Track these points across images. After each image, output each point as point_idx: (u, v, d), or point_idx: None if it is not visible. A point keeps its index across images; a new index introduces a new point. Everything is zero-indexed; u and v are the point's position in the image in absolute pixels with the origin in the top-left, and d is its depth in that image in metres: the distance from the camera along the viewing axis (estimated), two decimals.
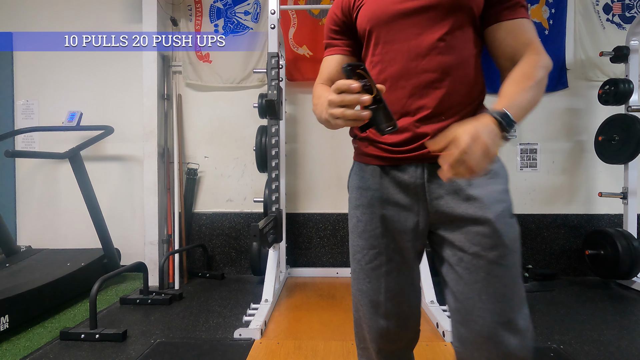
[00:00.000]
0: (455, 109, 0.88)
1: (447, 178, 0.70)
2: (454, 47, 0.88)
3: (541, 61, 0.84)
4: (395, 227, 0.93)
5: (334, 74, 1.01)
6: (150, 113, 3.33)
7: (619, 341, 2.13)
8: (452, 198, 0.87)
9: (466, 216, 0.85)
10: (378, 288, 0.95)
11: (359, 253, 0.97)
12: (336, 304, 2.65)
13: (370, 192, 0.95)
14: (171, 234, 3.38)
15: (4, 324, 2.17)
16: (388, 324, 0.95)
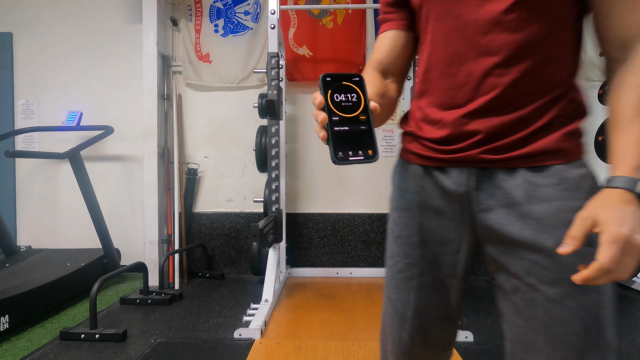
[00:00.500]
0: (524, 100, 0.66)
1: (580, 279, 0.54)
2: (528, 21, 0.63)
3: None
4: (434, 238, 0.77)
5: (385, 55, 0.83)
6: (150, 113, 3.33)
7: (619, 341, 2.13)
8: (504, 213, 0.68)
9: (519, 239, 0.66)
10: (406, 301, 0.80)
11: (392, 259, 0.83)
12: (336, 304, 2.65)
13: (410, 195, 0.79)
14: (171, 234, 3.38)
15: (4, 324, 2.17)
16: (412, 342, 0.81)
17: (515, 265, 0.68)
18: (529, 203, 0.66)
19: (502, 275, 0.71)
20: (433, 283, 0.79)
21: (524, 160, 0.68)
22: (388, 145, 3.52)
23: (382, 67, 0.83)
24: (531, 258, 0.66)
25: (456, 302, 0.81)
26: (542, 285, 0.64)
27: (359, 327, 2.24)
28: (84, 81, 3.62)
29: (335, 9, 3.51)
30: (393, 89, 0.83)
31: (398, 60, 0.84)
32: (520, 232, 0.66)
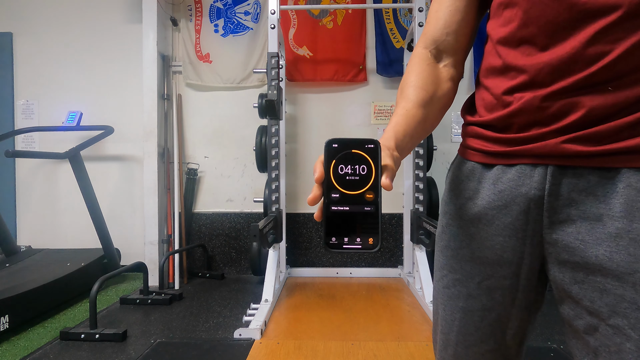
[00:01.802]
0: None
1: None
2: None
3: None
4: (487, 254, 0.61)
5: (443, 26, 0.64)
6: (150, 113, 3.33)
7: None
8: (590, 227, 0.52)
9: (607, 265, 0.50)
10: (451, 322, 0.67)
11: (439, 271, 0.70)
12: (336, 304, 2.65)
13: (462, 200, 0.65)
14: (171, 234, 3.38)
15: (4, 324, 2.17)
16: None
17: (595, 300, 0.51)
18: (631, 219, 0.48)
19: (572, 308, 0.55)
20: (483, 310, 0.63)
21: (631, 156, 0.49)
22: None
23: (437, 47, 0.66)
24: (620, 293, 0.49)
25: (515, 340, 0.63)
26: (635, 330, 0.48)
27: (359, 327, 2.24)
28: (84, 81, 3.62)
29: (335, 9, 3.51)
30: (448, 79, 0.65)
31: (461, 30, 0.64)
32: (612, 256, 0.49)
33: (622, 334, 0.49)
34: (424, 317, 2.43)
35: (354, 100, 3.54)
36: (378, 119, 3.54)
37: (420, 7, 2.77)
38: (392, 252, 3.47)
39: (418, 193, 2.83)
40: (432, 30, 0.66)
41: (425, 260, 2.78)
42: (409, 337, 2.13)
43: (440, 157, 3.52)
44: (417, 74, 0.63)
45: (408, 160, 3.22)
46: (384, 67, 3.49)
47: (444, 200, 0.72)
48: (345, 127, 3.56)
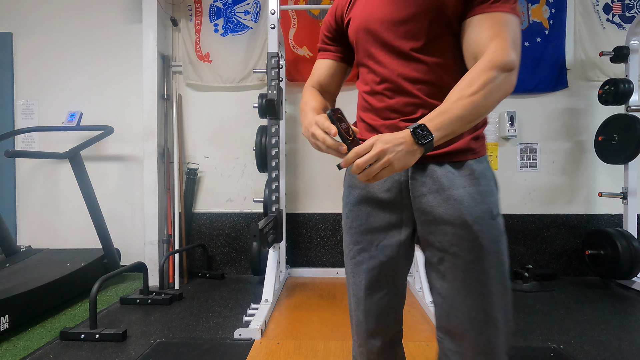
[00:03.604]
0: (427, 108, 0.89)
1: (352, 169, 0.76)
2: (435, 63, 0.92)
3: (496, 60, 0.77)
4: (380, 224, 0.93)
5: (324, 78, 1.07)
6: (150, 113, 3.33)
7: (619, 341, 2.13)
8: (433, 197, 0.87)
9: (445, 217, 0.85)
10: (360, 283, 0.95)
11: (347, 248, 0.99)
12: (336, 304, 2.65)
13: (357, 191, 0.97)
14: (171, 234, 3.38)
15: (4, 324, 2.17)
16: (367, 320, 0.95)
17: (441, 240, 0.86)
18: (451, 189, 0.86)
19: (430, 251, 0.90)
20: (381, 265, 0.93)
21: (448, 156, 0.88)
22: None
23: (321, 87, 1.08)
24: (454, 232, 0.85)
25: (402, 282, 0.98)
26: (463, 252, 0.84)
27: None
28: (84, 81, 3.62)
29: None
30: (324, 99, 1.04)
31: (333, 83, 1.08)
32: (447, 211, 0.85)
33: (457, 256, 0.84)
34: (424, 317, 2.43)
35: (354, 100, 3.51)
36: None
37: None
38: None
39: None
40: (317, 79, 1.07)
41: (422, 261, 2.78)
42: (408, 337, 2.13)
43: None
44: (316, 95, 1.03)
45: None
46: None
47: (345, 196, 1.01)
48: None
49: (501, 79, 0.77)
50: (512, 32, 0.80)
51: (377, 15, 0.91)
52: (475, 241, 0.83)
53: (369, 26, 0.92)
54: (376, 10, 0.91)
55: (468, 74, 0.79)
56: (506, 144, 3.53)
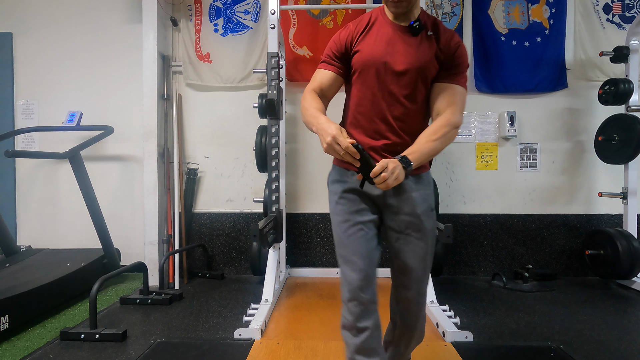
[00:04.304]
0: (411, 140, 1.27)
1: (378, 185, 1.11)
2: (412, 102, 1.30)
3: (451, 121, 1.22)
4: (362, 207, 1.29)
5: (325, 84, 1.32)
6: (150, 113, 3.33)
7: (619, 341, 2.13)
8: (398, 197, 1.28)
9: (404, 210, 1.28)
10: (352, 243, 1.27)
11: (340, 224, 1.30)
12: (336, 304, 2.65)
13: (349, 184, 1.31)
14: (171, 234, 3.38)
15: (4, 324, 2.17)
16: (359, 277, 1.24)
17: (400, 225, 1.29)
18: (410, 192, 1.28)
19: (390, 232, 1.31)
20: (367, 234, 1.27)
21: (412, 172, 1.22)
22: None
23: (321, 91, 1.32)
24: (408, 219, 1.28)
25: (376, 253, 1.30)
26: (414, 232, 1.28)
27: None
28: (84, 81, 3.62)
29: (335, 9, 3.51)
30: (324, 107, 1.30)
31: (331, 91, 1.34)
32: (405, 207, 1.28)
33: (409, 235, 1.28)
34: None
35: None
36: None
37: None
38: None
39: None
40: (319, 84, 1.32)
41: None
42: None
43: (440, 157, 3.52)
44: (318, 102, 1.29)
45: None
46: None
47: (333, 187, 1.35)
48: None
49: (452, 133, 1.23)
50: (462, 101, 1.27)
51: (383, 59, 1.24)
52: (421, 225, 1.28)
53: (375, 65, 1.25)
54: (382, 55, 1.25)
55: (433, 125, 1.23)
56: (506, 144, 3.53)
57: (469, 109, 3.54)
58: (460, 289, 3.11)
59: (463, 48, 1.27)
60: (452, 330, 2.12)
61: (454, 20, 3.51)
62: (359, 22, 1.32)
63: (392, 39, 1.25)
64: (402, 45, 1.24)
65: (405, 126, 1.27)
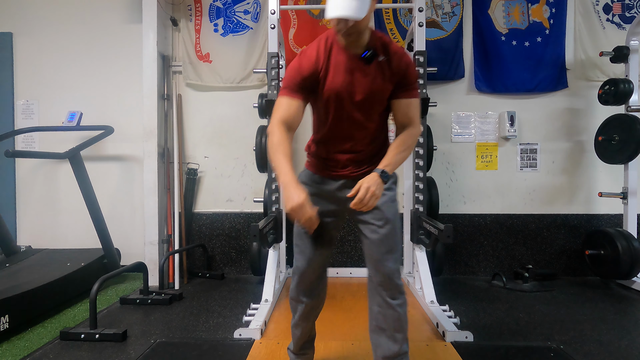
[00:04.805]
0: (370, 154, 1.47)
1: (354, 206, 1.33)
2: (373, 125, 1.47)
3: (414, 133, 1.43)
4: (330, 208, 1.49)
5: (293, 116, 1.36)
6: (150, 113, 3.33)
7: (619, 341, 2.13)
8: None
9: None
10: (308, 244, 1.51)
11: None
12: (336, 304, 2.65)
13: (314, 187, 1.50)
14: (171, 234, 3.38)
15: (4, 324, 2.17)
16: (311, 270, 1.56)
17: (366, 217, 1.43)
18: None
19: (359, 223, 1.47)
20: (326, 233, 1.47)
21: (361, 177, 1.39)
22: None
23: (288, 124, 1.36)
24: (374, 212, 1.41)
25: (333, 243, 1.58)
26: (377, 222, 1.41)
27: (359, 327, 2.23)
28: (84, 81, 3.62)
29: None
30: (291, 140, 1.37)
31: (297, 120, 1.38)
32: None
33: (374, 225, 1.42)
34: (424, 317, 2.43)
35: None
36: None
37: (420, 7, 2.77)
38: None
39: (418, 193, 2.83)
40: (285, 116, 1.36)
41: (425, 260, 2.78)
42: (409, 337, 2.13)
43: (440, 157, 3.52)
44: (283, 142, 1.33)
45: (408, 161, 3.22)
46: None
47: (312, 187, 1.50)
48: None
49: (415, 141, 1.45)
50: (418, 112, 1.44)
51: (343, 91, 1.36)
52: (383, 215, 1.42)
53: (337, 96, 1.36)
54: (343, 86, 1.36)
55: (400, 138, 1.41)
56: (506, 144, 3.53)
57: (469, 109, 3.54)
58: (460, 289, 3.11)
59: (412, 65, 1.40)
60: (452, 330, 2.12)
61: (454, 20, 3.51)
62: (317, 49, 1.37)
63: (349, 69, 1.35)
64: (359, 75, 1.35)
65: (367, 140, 1.44)
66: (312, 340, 1.78)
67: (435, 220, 2.35)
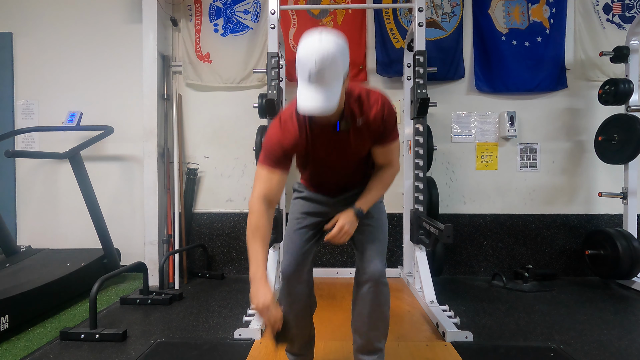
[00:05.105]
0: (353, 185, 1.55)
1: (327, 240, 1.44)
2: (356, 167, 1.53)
3: (393, 173, 1.49)
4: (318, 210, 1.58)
5: (275, 191, 1.36)
6: (150, 113, 3.33)
7: (619, 341, 2.13)
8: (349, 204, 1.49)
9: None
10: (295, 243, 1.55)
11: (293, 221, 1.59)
12: (336, 304, 2.65)
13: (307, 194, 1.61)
14: (171, 234, 3.37)
15: (4, 324, 2.17)
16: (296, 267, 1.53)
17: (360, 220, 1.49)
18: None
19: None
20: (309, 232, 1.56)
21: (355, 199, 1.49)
22: None
23: (268, 199, 1.35)
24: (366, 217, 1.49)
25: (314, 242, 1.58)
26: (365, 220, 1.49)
27: None
28: (84, 81, 3.62)
29: (335, 9, 3.51)
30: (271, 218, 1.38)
31: (279, 194, 1.39)
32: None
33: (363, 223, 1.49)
34: (424, 317, 2.43)
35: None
36: None
37: (420, 7, 2.77)
38: (392, 252, 3.46)
39: (418, 193, 2.83)
40: (266, 191, 1.35)
41: (425, 260, 2.78)
42: (409, 337, 2.13)
43: (440, 157, 3.52)
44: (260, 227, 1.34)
45: (408, 161, 3.22)
46: (384, 67, 3.49)
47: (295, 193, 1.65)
48: None
49: (393, 179, 1.51)
50: (398, 152, 1.48)
51: (325, 160, 1.43)
52: (370, 214, 1.51)
53: (320, 163, 1.45)
54: (324, 157, 1.42)
55: (379, 177, 1.48)
56: (506, 144, 3.53)
57: (469, 109, 3.54)
58: (460, 289, 3.11)
59: (390, 113, 1.35)
60: (452, 330, 2.12)
61: (454, 20, 3.51)
62: (297, 125, 1.34)
63: (328, 140, 1.36)
64: (338, 143, 1.37)
65: (350, 174, 1.52)
66: (311, 341, 1.76)
67: (435, 220, 2.35)
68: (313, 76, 1.14)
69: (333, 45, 1.15)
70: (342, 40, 1.21)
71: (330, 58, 1.14)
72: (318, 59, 1.12)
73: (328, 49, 1.14)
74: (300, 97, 1.16)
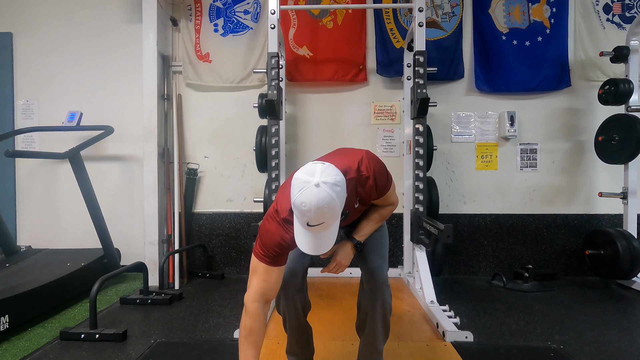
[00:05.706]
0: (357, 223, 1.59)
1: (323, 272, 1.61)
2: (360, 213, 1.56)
3: (392, 209, 1.58)
4: None
5: (272, 285, 1.34)
6: (150, 113, 3.33)
7: (619, 341, 2.13)
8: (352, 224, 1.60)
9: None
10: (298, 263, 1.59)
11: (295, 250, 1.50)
12: (336, 304, 2.65)
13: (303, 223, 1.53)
14: (171, 234, 3.37)
15: (4, 324, 2.17)
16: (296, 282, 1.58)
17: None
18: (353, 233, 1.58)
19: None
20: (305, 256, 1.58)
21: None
22: (388, 145, 3.53)
23: (265, 297, 1.33)
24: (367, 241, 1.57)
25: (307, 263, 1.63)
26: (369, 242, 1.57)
27: None
28: (84, 81, 3.62)
29: (335, 9, 3.51)
30: (266, 317, 1.35)
31: (276, 291, 1.37)
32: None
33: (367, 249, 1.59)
34: (424, 317, 2.43)
35: (354, 100, 3.54)
36: (378, 119, 3.54)
37: (420, 7, 2.77)
38: (392, 252, 3.47)
39: (418, 193, 2.83)
40: (265, 289, 1.33)
41: (425, 260, 2.78)
42: (409, 337, 2.13)
43: (440, 157, 3.52)
44: (255, 328, 1.31)
45: (408, 161, 3.22)
46: (384, 67, 3.49)
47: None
48: (345, 127, 3.56)
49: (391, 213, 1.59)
50: (394, 192, 1.54)
51: None
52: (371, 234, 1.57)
53: None
54: None
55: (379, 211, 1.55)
56: (506, 144, 3.53)
57: (469, 109, 3.54)
58: (460, 289, 3.11)
59: (380, 178, 1.39)
60: (452, 330, 2.12)
61: (454, 20, 3.51)
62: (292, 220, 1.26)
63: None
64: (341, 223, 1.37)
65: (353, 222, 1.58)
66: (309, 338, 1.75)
67: (435, 220, 2.35)
68: (312, 223, 1.13)
69: (330, 192, 1.09)
70: (339, 178, 1.14)
71: (328, 206, 1.10)
72: (316, 210, 1.09)
73: (325, 198, 1.08)
74: (299, 237, 1.19)
